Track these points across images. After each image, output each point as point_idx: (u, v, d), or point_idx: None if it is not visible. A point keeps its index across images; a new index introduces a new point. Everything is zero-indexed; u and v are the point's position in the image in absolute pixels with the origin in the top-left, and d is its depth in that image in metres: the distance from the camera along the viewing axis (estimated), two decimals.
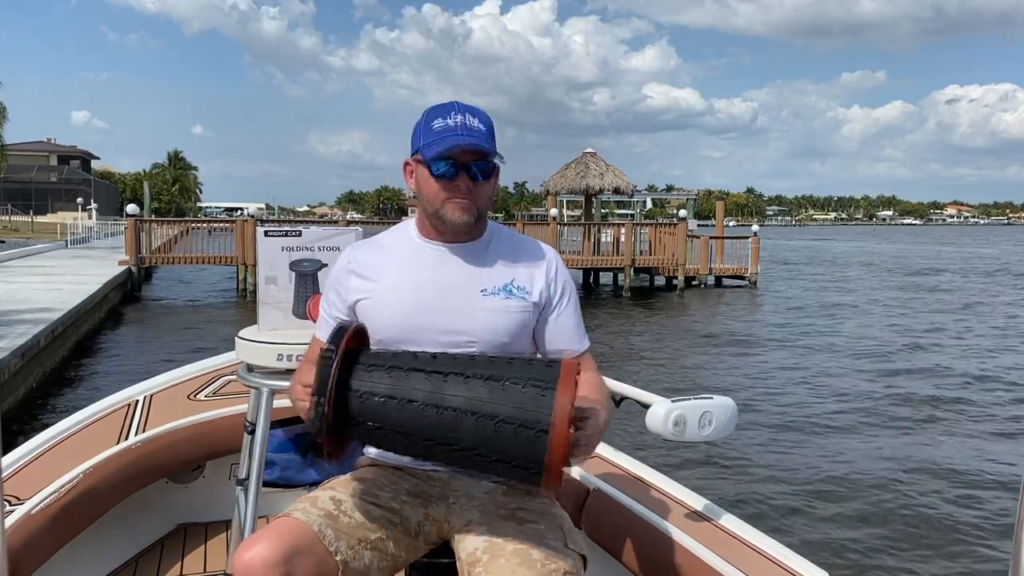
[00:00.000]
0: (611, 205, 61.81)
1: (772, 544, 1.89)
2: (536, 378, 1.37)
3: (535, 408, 1.33)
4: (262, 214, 62.20)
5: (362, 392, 1.40)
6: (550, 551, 1.50)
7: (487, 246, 1.72)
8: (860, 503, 6.49)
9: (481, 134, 1.61)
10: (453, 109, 1.62)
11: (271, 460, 2.45)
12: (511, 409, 1.34)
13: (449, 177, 1.61)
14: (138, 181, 72.04)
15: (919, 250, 59.65)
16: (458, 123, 1.60)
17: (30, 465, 2.37)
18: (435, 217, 1.66)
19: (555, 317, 1.71)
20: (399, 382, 1.40)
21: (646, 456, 3.83)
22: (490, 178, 1.66)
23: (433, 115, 1.63)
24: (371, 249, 1.77)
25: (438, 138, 1.59)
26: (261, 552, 1.41)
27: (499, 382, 1.37)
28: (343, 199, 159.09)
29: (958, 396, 10.46)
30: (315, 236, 2.29)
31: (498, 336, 1.64)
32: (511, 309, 1.66)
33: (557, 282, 1.73)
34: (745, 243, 25.67)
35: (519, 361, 1.44)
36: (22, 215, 50.46)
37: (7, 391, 8.39)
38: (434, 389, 1.38)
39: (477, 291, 1.66)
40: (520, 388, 1.36)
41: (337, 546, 1.49)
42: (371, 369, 1.42)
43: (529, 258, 1.74)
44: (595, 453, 2.51)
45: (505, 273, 1.69)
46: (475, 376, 1.39)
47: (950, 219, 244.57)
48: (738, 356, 13.50)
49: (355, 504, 1.59)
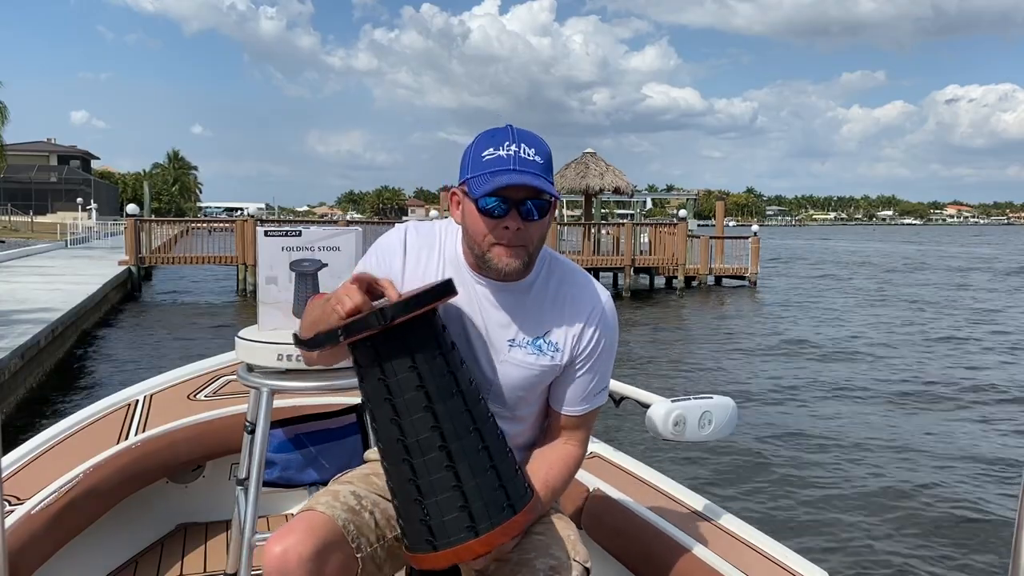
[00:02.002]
0: (611, 205, 61.68)
1: (772, 544, 1.89)
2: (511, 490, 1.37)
3: (488, 510, 1.34)
4: (262, 214, 62.37)
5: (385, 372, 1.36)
6: (555, 561, 1.50)
7: (530, 287, 1.56)
8: (860, 502, 6.49)
9: (537, 167, 1.43)
10: (507, 138, 1.44)
11: (271, 460, 2.44)
12: (474, 489, 1.34)
13: (498, 215, 1.44)
14: (138, 181, 72.06)
15: (918, 249, 59.64)
16: (511, 154, 1.42)
17: (30, 465, 2.37)
18: (480, 260, 1.50)
19: (575, 376, 1.60)
20: (435, 371, 1.36)
21: (646, 456, 3.83)
22: (545, 216, 1.47)
23: (484, 143, 1.46)
24: (424, 242, 1.61)
25: (488, 172, 1.42)
26: (296, 546, 1.39)
27: (489, 460, 1.36)
28: (343, 199, 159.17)
29: (958, 396, 10.46)
30: (315, 236, 2.29)
31: (514, 390, 1.57)
32: (535, 365, 1.56)
33: (593, 337, 1.58)
34: (745, 243, 25.68)
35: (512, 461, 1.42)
36: (22, 215, 50.44)
37: (7, 391, 8.39)
38: (449, 408, 1.36)
39: (505, 341, 1.55)
40: (495, 484, 1.35)
41: (359, 542, 1.48)
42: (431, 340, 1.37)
43: (572, 308, 1.58)
44: (595, 453, 2.52)
45: (541, 324, 1.56)
46: (480, 434, 1.37)
47: (950, 219, 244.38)
48: (738, 356, 13.50)
49: (374, 501, 1.57)
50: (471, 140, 1.52)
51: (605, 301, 1.62)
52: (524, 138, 1.45)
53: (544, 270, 1.59)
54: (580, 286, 1.60)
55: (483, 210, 1.44)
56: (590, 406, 1.63)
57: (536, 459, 1.62)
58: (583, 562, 1.55)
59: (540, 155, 1.45)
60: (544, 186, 1.43)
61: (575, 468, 1.65)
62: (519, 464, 1.45)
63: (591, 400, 1.63)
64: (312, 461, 2.51)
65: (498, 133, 1.46)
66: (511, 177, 1.40)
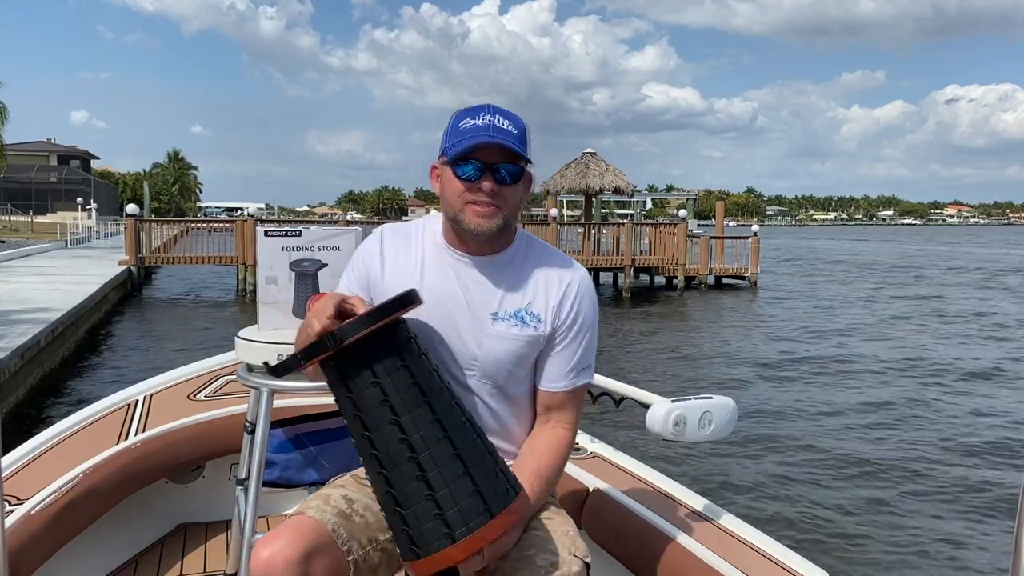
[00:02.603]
0: (611, 205, 61.71)
1: (772, 544, 1.89)
2: (488, 493, 1.36)
3: (463, 516, 1.34)
4: (262, 214, 62.30)
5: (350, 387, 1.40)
6: (554, 557, 1.50)
7: (510, 261, 1.63)
8: (861, 502, 6.50)
9: (511, 136, 1.52)
10: (484, 110, 1.54)
11: (271, 460, 2.45)
12: (447, 496, 1.34)
13: (473, 179, 1.52)
14: (138, 181, 72.03)
15: (918, 250, 59.63)
16: (487, 123, 1.52)
17: (30, 465, 2.37)
18: (455, 222, 1.57)
19: (555, 350, 1.63)
20: (379, 418, 1.38)
21: (646, 456, 3.83)
22: (518, 182, 1.56)
23: (462, 115, 1.55)
24: (400, 241, 1.68)
25: (464, 137, 1.52)
26: (282, 550, 1.41)
27: (462, 466, 1.36)
28: (343, 199, 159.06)
29: (959, 394, 10.46)
30: (315, 236, 2.29)
31: (501, 364, 1.60)
32: (519, 337, 1.59)
33: (572, 309, 1.62)
34: (745, 243, 25.67)
35: (491, 463, 1.41)
36: (22, 215, 50.44)
37: (7, 391, 8.39)
38: (415, 419, 1.37)
39: (488, 314, 1.59)
40: (469, 489, 1.35)
41: (350, 546, 1.49)
42: (392, 353, 1.40)
43: (552, 280, 1.63)
44: (595, 453, 2.52)
45: (521, 296, 1.61)
46: (451, 441, 1.37)
47: (950, 219, 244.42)
48: (738, 356, 13.50)
49: (366, 504, 1.58)
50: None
51: (583, 277, 1.67)
52: (500, 111, 1.55)
53: (523, 247, 1.66)
54: (558, 261, 1.67)
55: (459, 174, 1.53)
56: (575, 382, 1.65)
57: (525, 451, 1.64)
58: (583, 557, 1.55)
59: (515, 127, 1.54)
60: (517, 149, 1.52)
61: (566, 452, 1.66)
62: (501, 464, 1.44)
63: (576, 377, 1.65)
64: (312, 461, 2.52)
65: (476, 107, 1.56)
66: (486, 139, 1.50)
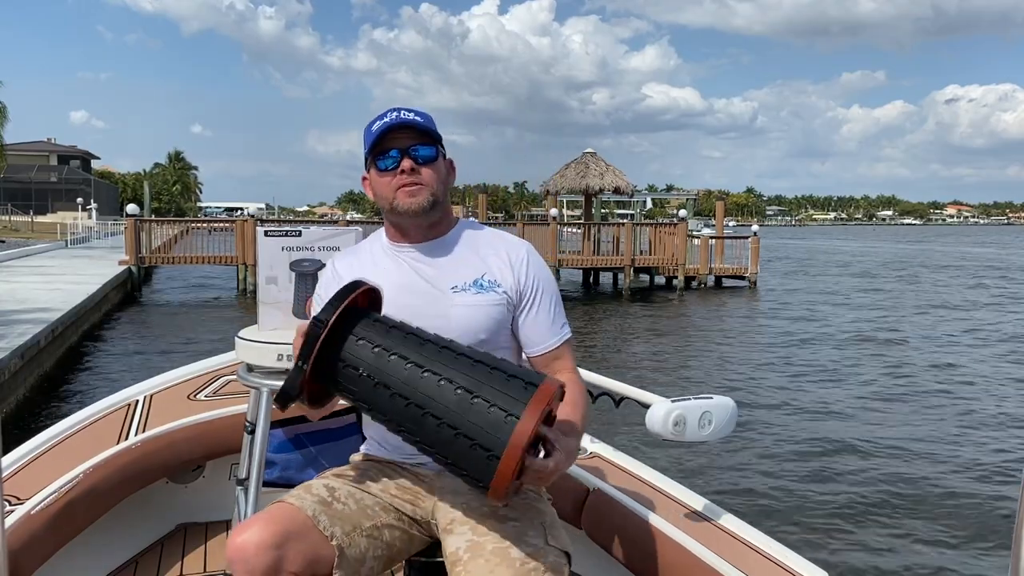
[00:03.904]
0: (611, 205, 61.82)
1: (772, 544, 1.89)
2: (505, 400, 1.36)
3: (493, 433, 1.34)
4: (262, 214, 62.26)
5: (346, 361, 1.43)
6: (531, 548, 1.49)
7: (455, 242, 1.73)
8: (861, 502, 6.50)
9: (416, 121, 1.65)
10: (390, 110, 1.68)
11: (271, 460, 2.45)
12: (471, 426, 1.35)
13: (392, 166, 1.65)
14: (138, 181, 72.07)
15: (921, 249, 59.66)
16: (392, 117, 1.65)
17: (30, 465, 2.37)
18: (393, 213, 1.68)
19: (530, 313, 1.70)
20: (380, 361, 1.42)
21: (646, 456, 3.83)
22: (435, 161, 1.67)
23: (372, 122, 1.69)
24: (349, 260, 1.79)
25: (375, 133, 1.65)
26: (254, 535, 1.44)
27: (470, 395, 1.37)
28: (343, 199, 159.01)
29: (959, 395, 10.46)
30: (315, 236, 2.29)
31: (474, 333, 1.63)
32: (483, 303, 1.65)
33: (529, 275, 1.71)
34: (744, 243, 25.68)
35: (499, 374, 1.41)
36: (22, 215, 50.46)
37: (7, 391, 8.39)
38: (408, 380, 1.40)
39: (448, 289, 1.66)
40: (487, 408, 1.36)
41: (332, 531, 1.50)
42: (360, 341, 1.44)
43: (500, 252, 1.72)
44: (595, 453, 2.52)
45: (475, 268, 1.69)
46: (450, 380, 1.39)
47: (950, 219, 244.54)
48: (738, 356, 13.50)
49: (349, 492, 1.60)
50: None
51: (528, 246, 1.77)
52: (404, 108, 1.68)
53: (464, 228, 1.77)
54: (500, 236, 1.78)
55: (381, 167, 1.66)
56: (560, 338, 1.72)
57: None
58: (561, 547, 1.53)
59: (419, 116, 1.67)
60: (425, 125, 1.65)
61: (581, 384, 1.71)
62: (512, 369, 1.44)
63: (557, 332, 1.72)
64: (312, 461, 2.52)
65: (383, 112, 1.69)
66: (392, 123, 1.63)
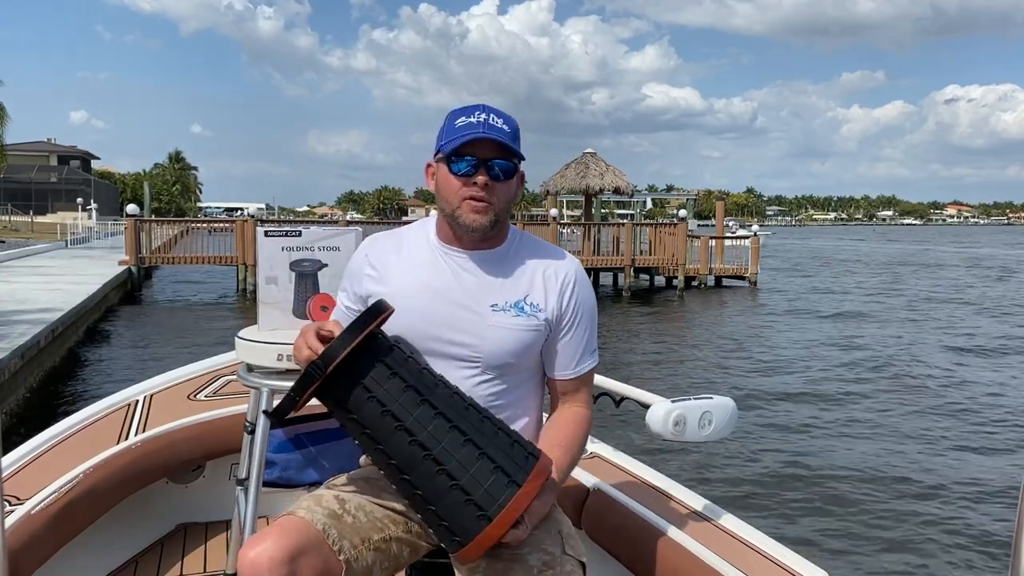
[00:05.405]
0: (611, 205, 61.78)
1: (772, 544, 1.89)
2: (510, 465, 1.39)
3: (492, 494, 1.36)
4: (262, 214, 62.26)
5: (359, 381, 1.42)
6: (548, 557, 1.49)
7: (504, 255, 1.67)
8: (861, 502, 6.50)
9: (504, 133, 1.57)
10: (478, 109, 1.60)
11: (271, 460, 2.44)
12: (471, 481, 1.37)
13: (468, 174, 1.57)
14: (138, 181, 72.00)
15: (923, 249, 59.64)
16: (481, 120, 1.57)
17: (30, 465, 2.37)
18: (451, 219, 1.61)
19: (562, 339, 1.67)
20: (392, 392, 1.41)
21: (646, 456, 3.83)
22: (511, 178, 1.61)
23: (457, 114, 1.61)
24: (389, 245, 1.73)
25: (459, 134, 1.56)
26: (267, 550, 1.41)
27: (477, 450, 1.39)
28: (343, 199, 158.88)
29: (960, 394, 10.46)
30: (315, 236, 2.29)
31: (504, 355, 1.61)
32: (520, 327, 1.61)
33: (573, 300, 1.67)
34: (744, 243, 25.67)
35: (504, 436, 1.43)
36: (22, 215, 50.41)
37: (7, 391, 8.38)
38: (418, 419, 1.40)
39: (487, 306, 1.62)
40: (491, 467, 1.38)
41: (341, 545, 1.48)
42: (378, 364, 1.42)
43: (548, 271, 1.67)
44: (595, 453, 2.52)
45: (519, 287, 1.64)
46: (460, 430, 1.40)
47: (950, 219, 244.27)
48: (738, 356, 13.49)
49: (359, 504, 1.58)
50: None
51: (577, 267, 1.72)
52: (494, 110, 1.60)
53: (516, 242, 1.71)
54: (552, 254, 1.72)
55: (455, 171, 1.58)
56: (584, 368, 1.71)
57: (546, 427, 1.69)
58: (578, 556, 1.54)
59: (508, 125, 1.60)
60: (510, 144, 1.57)
61: (586, 426, 1.71)
62: (514, 435, 1.46)
63: (584, 361, 1.71)
64: (312, 461, 2.51)
65: (471, 106, 1.62)
66: (479, 134, 1.55)
